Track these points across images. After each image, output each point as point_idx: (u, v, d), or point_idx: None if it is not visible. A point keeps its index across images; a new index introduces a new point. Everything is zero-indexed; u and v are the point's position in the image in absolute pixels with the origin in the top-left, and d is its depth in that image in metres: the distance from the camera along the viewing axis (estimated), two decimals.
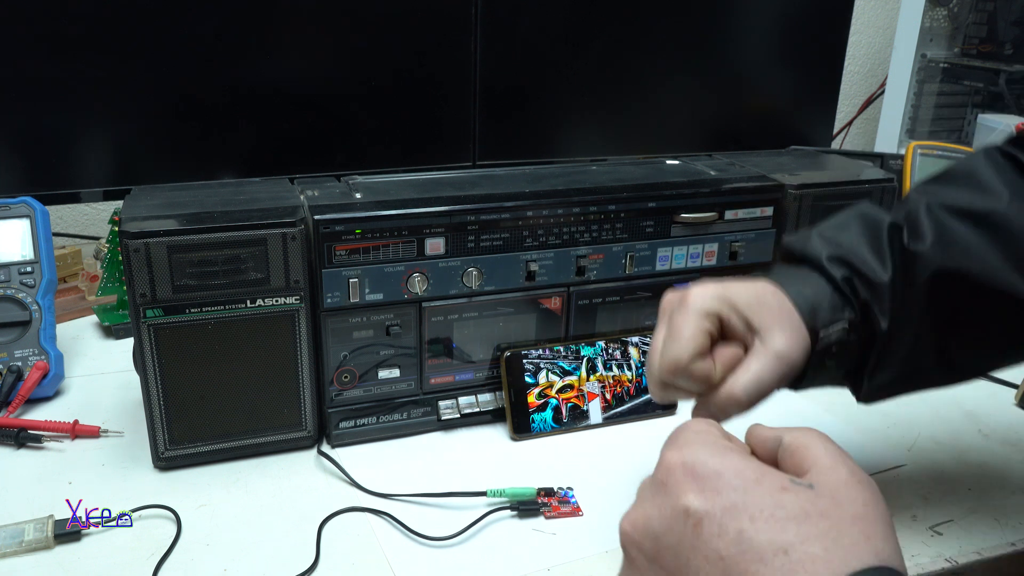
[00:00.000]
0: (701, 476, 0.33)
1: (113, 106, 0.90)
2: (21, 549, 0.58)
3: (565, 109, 1.08)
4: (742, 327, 0.51)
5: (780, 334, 0.50)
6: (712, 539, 0.32)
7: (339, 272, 0.68)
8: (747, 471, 0.33)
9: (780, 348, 0.49)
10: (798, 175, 0.83)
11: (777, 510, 0.31)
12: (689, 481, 0.33)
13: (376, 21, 0.96)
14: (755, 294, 0.51)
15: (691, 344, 0.50)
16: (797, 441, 0.36)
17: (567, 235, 0.74)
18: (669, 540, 0.33)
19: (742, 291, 0.51)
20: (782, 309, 0.51)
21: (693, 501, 0.33)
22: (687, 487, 0.33)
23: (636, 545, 0.35)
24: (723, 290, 0.51)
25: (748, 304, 0.51)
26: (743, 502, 0.32)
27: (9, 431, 0.72)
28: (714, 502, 0.32)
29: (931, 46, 1.50)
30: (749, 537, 0.31)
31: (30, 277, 0.80)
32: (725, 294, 0.51)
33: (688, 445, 0.36)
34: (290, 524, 0.63)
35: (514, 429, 0.74)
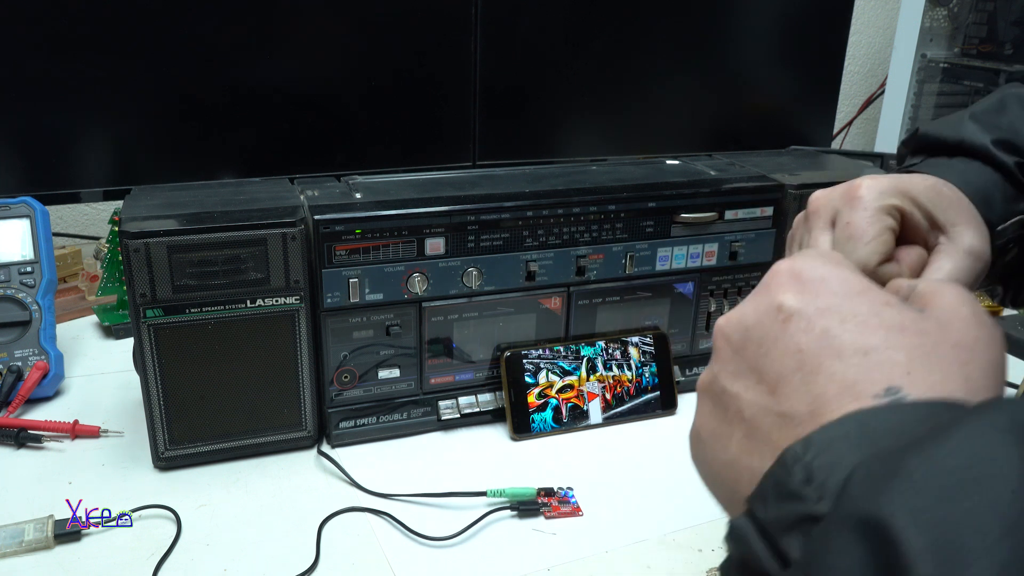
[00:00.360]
0: (805, 279, 0.32)
1: (113, 106, 0.90)
2: (21, 549, 0.58)
3: (565, 109, 1.08)
4: (925, 224, 0.44)
5: (968, 229, 0.44)
6: (797, 333, 0.30)
7: (339, 272, 0.68)
8: (854, 282, 0.31)
9: (973, 244, 0.44)
10: (798, 175, 0.83)
11: (872, 317, 0.30)
12: (791, 282, 0.32)
13: (376, 21, 0.96)
14: (932, 186, 0.45)
15: (878, 246, 0.43)
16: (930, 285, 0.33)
17: (567, 235, 0.74)
18: (757, 332, 0.32)
19: (918, 183, 0.45)
20: (962, 201, 0.45)
21: (789, 299, 0.31)
22: (788, 287, 0.32)
23: (726, 337, 0.34)
24: (898, 183, 0.45)
25: (929, 198, 0.44)
26: (839, 305, 0.30)
27: (9, 431, 0.72)
28: (809, 302, 0.31)
29: (931, 46, 1.50)
30: (834, 335, 0.29)
31: (30, 277, 0.80)
32: (903, 187, 0.44)
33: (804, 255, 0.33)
34: (290, 524, 0.62)
35: (514, 429, 0.74)
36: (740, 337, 0.33)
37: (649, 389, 0.79)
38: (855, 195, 0.44)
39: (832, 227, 0.45)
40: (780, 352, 0.30)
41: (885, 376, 0.28)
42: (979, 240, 0.44)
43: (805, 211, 0.46)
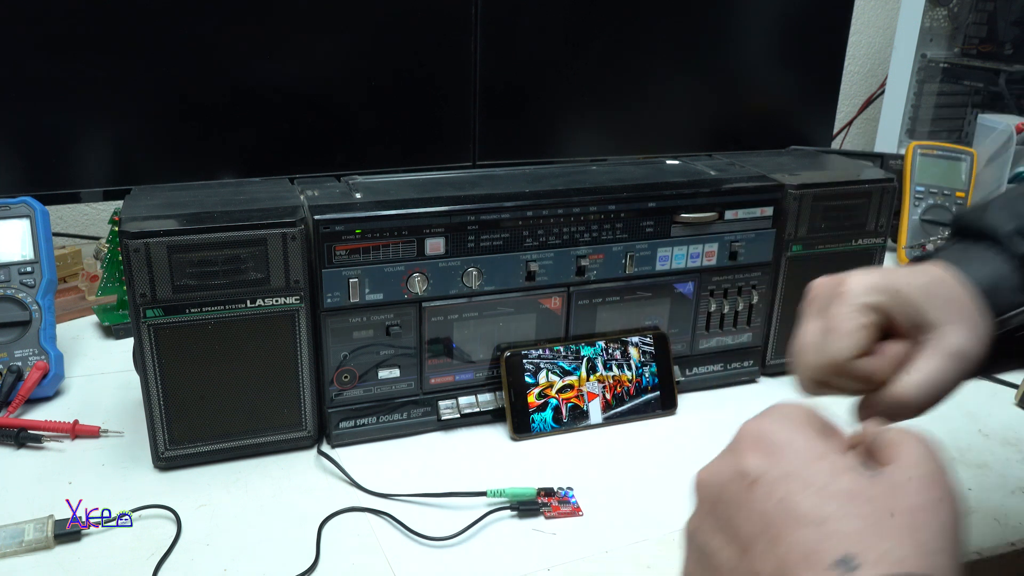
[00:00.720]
0: (767, 443, 0.34)
1: (113, 106, 0.90)
2: (21, 549, 0.58)
3: (565, 109, 1.08)
4: (910, 322, 0.45)
5: (956, 329, 0.44)
6: (760, 499, 0.33)
7: (339, 272, 0.68)
8: (812, 448, 0.34)
9: (957, 345, 0.44)
10: (798, 175, 0.83)
11: (828, 486, 0.32)
12: (756, 445, 0.35)
13: (376, 21, 0.96)
14: (924, 283, 0.45)
15: (853, 341, 0.44)
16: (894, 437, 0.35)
17: (567, 235, 0.74)
18: (726, 494, 0.35)
19: (909, 280, 0.46)
20: (956, 299, 0.45)
21: (753, 464, 0.34)
22: (753, 450, 0.35)
23: (702, 493, 0.37)
24: (887, 279, 0.46)
25: (917, 295, 0.45)
26: (798, 471, 0.33)
27: (9, 431, 0.72)
28: (772, 467, 0.33)
29: (931, 46, 1.50)
30: (794, 502, 0.32)
31: (30, 277, 0.80)
32: (890, 284, 0.45)
33: (767, 417, 0.36)
34: (290, 524, 0.62)
35: (514, 429, 0.74)
36: (714, 496, 0.36)
37: (649, 389, 0.79)
38: (841, 290, 0.46)
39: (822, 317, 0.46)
40: (747, 516, 0.33)
41: (839, 546, 0.30)
42: (966, 340, 0.44)
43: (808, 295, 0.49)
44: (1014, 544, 0.62)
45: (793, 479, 0.33)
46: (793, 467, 0.33)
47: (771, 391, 0.85)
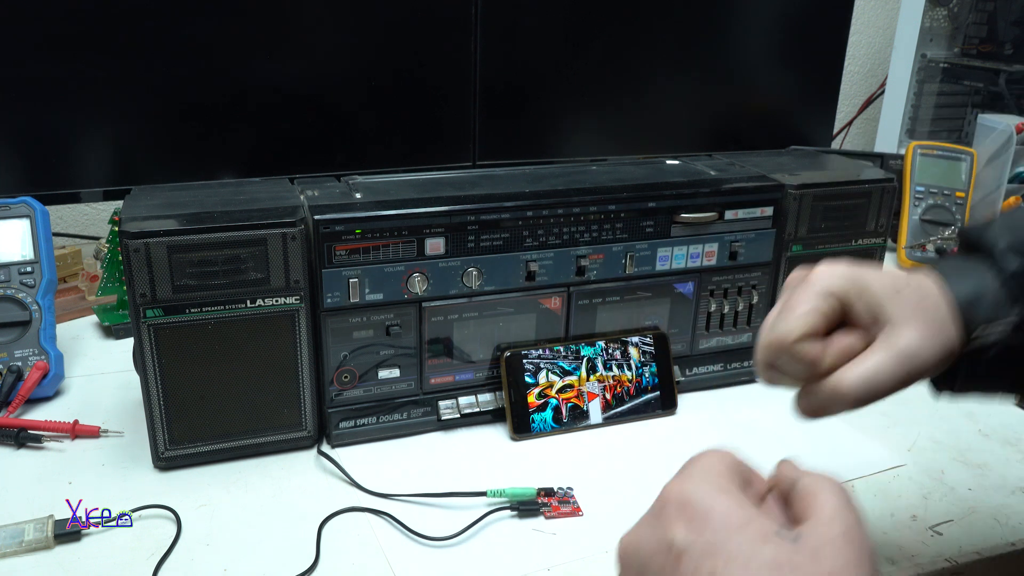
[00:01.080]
0: (691, 512, 0.35)
1: (113, 106, 0.90)
2: (21, 549, 0.58)
3: (565, 109, 1.08)
4: (868, 316, 0.45)
5: (911, 329, 0.44)
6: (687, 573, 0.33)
7: (339, 272, 0.68)
8: (735, 515, 0.34)
9: (907, 345, 0.44)
10: (798, 175, 0.83)
11: (752, 559, 0.33)
12: (679, 515, 0.35)
13: (376, 21, 0.96)
14: (892, 282, 0.46)
15: (801, 321, 0.45)
16: (808, 487, 0.37)
17: (567, 235, 0.74)
18: (652, 567, 0.35)
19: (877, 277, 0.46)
20: (924, 302, 0.45)
21: (678, 535, 0.34)
22: (676, 520, 0.35)
23: (627, 565, 0.37)
24: (855, 272, 0.46)
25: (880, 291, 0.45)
26: (722, 544, 0.33)
27: (9, 431, 0.72)
28: (696, 539, 0.34)
29: (931, 46, 1.50)
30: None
31: (30, 277, 0.80)
32: (856, 276, 0.46)
33: (690, 479, 0.37)
34: (290, 524, 0.62)
35: (514, 429, 0.74)
36: (639, 568, 0.36)
37: (649, 389, 0.79)
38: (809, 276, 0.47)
39: None
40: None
41: None
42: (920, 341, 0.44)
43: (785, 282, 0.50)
44: (1014, 544, 0.62)
45: (718, 553, 0.33)
46: (718, 539, 0.34)
47: (771, 391, 0.85)
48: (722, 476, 0.37)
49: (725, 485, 0.36)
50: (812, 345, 0.45)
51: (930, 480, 0.70)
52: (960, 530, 0.63)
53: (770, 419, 0.79)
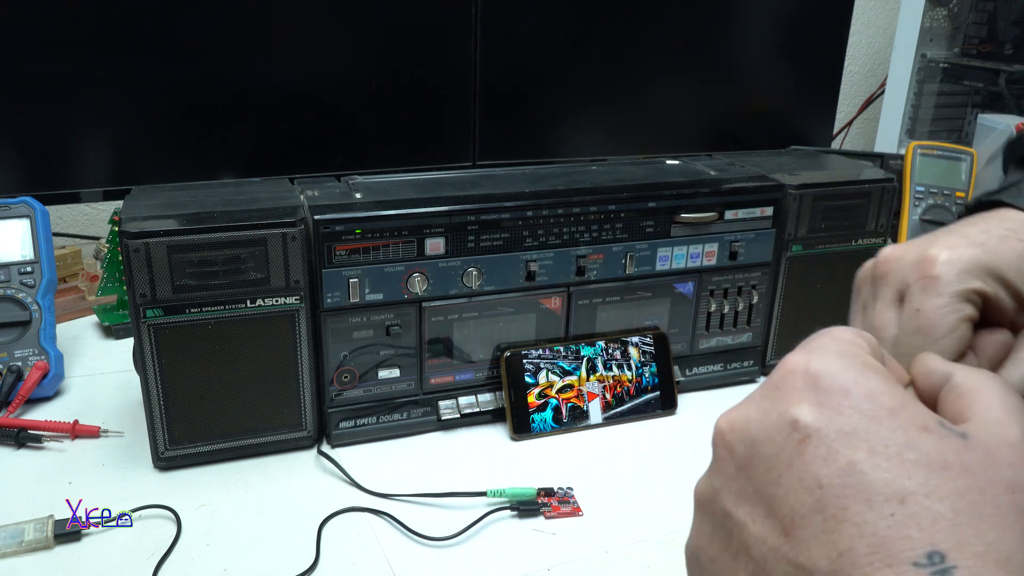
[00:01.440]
0: (824, 388, 0.27)
1: (113, 106, 0.90)
2: (21, 549, 0.58)
3: (565, 109, 1.08)
4: (1013, 307, 0.36)
5: None
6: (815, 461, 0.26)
7: (339, 272, 0.68)
8: (884, 397, 0.26)
9: None
10: (798, 175, 0.83)
11: (907, 450, 0.25)
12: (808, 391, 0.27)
13: (376, 21, 0.96)
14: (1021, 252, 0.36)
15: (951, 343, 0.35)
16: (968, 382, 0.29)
17: (567, 235, 0.74)
18: (766, 450, 0.27)
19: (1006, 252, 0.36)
20: None
21: (806, 414, 0.27)
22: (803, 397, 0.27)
23: (728, 447, 0.29)
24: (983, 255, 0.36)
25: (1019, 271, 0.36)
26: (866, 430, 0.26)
27: (9, 431, 0.72)
28: (831, 421, 0.26)
29: (931, 46, 1.50)
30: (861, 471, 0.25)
31: (30, 277, 0.80)
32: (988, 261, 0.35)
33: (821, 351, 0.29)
34: (290, 524, 0.62)
35: (514, 429, 0.74)
36: (745, 451, 0.28)
37: (649, 389, 0.79)
38: (930, 273, 0.35)
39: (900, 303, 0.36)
40: (795, 482, 0.26)
41: (926, 536, 0.23)
42: None
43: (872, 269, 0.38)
44: None
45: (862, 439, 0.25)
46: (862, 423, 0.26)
47: None
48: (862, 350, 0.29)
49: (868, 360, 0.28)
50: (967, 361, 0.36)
51: None
52: None
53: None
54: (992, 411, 0.27)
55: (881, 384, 0.27)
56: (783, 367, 0.29)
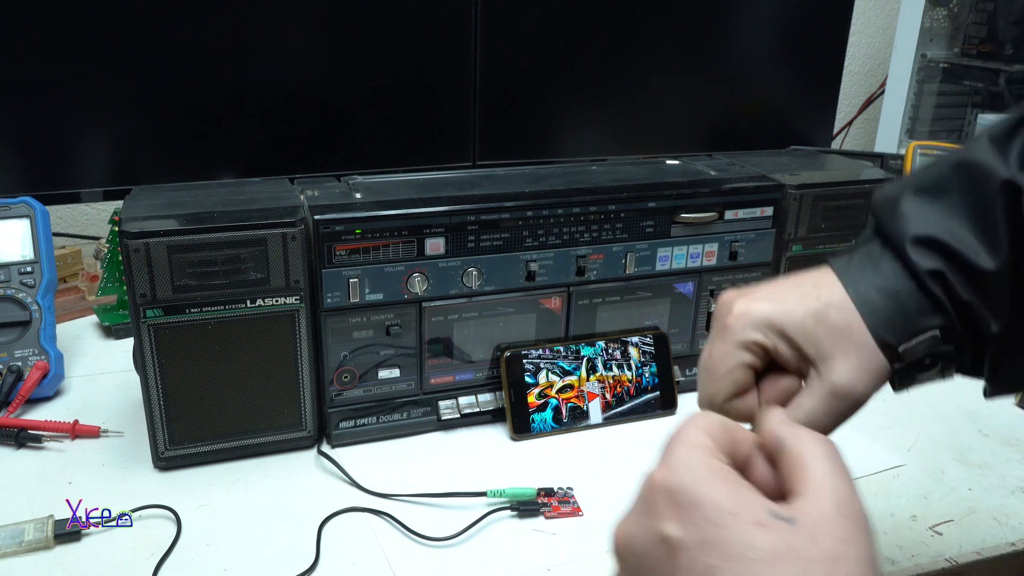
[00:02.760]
0: (680, 504, 0.33)
1: (113, 106, 0.90)
2: (21, 549, 0.58)
3: (565, 109, 1.08)
4: (794, 358, 0.42)
5: (842, 364, 0.41)
6: (684, 570, 0.32)
7: (339, 272, 0.68)
8: (725, 503, 0.33)
9: (840, 383, 0.41)
10: (798, 175, 0.83)
11: (749, 550, 0.31)
12: (668, 507, 0.34)
13: (376, 21, 0.96)
14: (812, 311, 0.42)
15: (726, 383, 0.43)
16: (795, 452, 0.35)
17: (567, 235, 0.74)
18: (648, 562, 0.34)
19: (797, 310, 0.42)
20: (848, 326, 0.41)
21: (671, 529, 0.33)
22: (666, 513, 0.34)
23: (623, 558, 0.37)
24: (771, 311, 0.42)
25: (802, 328, 0.42)
26: (716, 538, 0.32)
27: (9, 431, 0.72)
28: (689, 533, 0.33)
29: (931, 46, 1.50)
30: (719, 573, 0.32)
31: (30, 277, 0.80)
32: (772, 318, 0.42)
33: (674, 467, 0.35)
34: (290, 524, 0.63)
35: (514, 429, 0.74)
36: (635, 563, 0.35)
37: (649, 389, 0.79)
38: (724, 322, 0.43)
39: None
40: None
41: None
42: (849, 376, 0.41)
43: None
44: (1014, 544, 0.62)
45: (713, 547, 0.32)
46: (709, 533, 0.32)
47: None
48: (707, 454, 0.35)
49: (711, 465, 0.35)
50: (742, 402, 0.44)
51: (930, 480, 0.70)
52: (960, 530, 0.63)
53: None
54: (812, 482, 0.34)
55: (722, 490, 0.33)
56: (648, 484, 0.35)
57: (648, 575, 0.34)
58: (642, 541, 0.35)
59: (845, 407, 0.42)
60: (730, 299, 0.44)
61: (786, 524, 0.32)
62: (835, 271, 0.44)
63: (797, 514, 0.32)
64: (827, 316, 0.42)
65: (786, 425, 0.37)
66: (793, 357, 0.43)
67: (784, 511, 0.33)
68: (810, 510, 0.33)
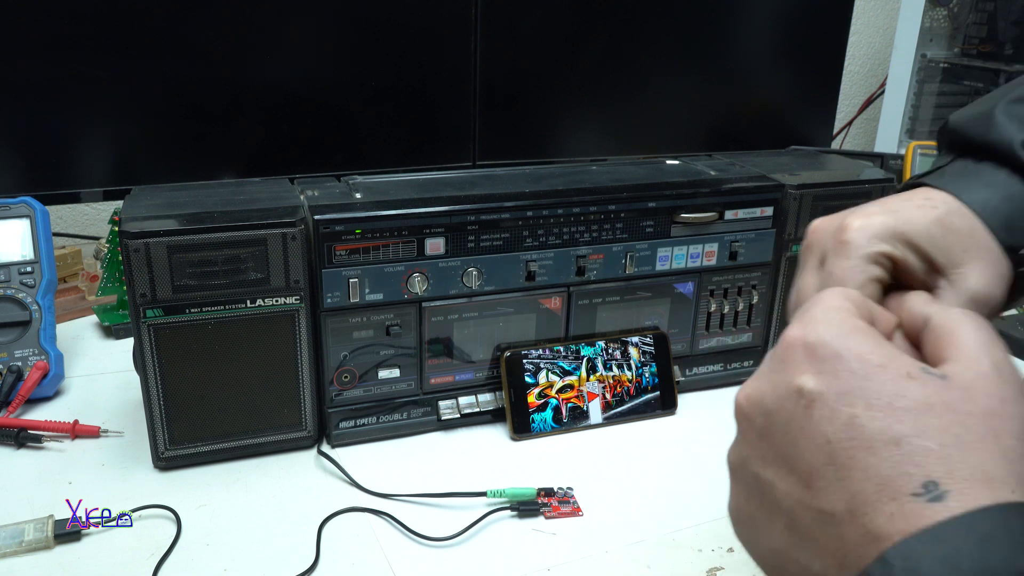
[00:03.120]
0: (820, 357, 0.31)
1: (113, 106, 0.90)
2: (21, 549, 0.58)
3: (565, 109, 1.08)
4: (923, 268, 0.40)
5: (975, 269, 0.39)
6: (822, 422, 0.30)
7: (339, 272, 0.68)
8: (871, 355, 0.30)
9: (975, 288, 0.39)
10: (798, 175, 0.83)
11: (896, 399, 0.29)
12: (807, 361, 0.31)
13: (376, 21, 0.96)
14: (936, 219, 0.40)
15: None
16: (944, 324, 0.33)
17: (567, 235, 0.74)
18: (780, 418, 0.31)
19: (919, 219, 0.40)
20: (972, 234, 0.40)
21: (808, 381, 0.31)
22: (804, 367, 0.31)
23: (748, 419, 0.33)
24: (894, 221, 0.40)
25: (929, 236, 0.40)
26: (860, 387, 0.30)
27: (9, 431, 0.72)
28: (829, 384, 0.30)
29: (931, 46, 1.50)
30: (860, 424, 0.29)
31: (30, 277, 0.80)
32: (897, 227, 0.40)
33: (813, 322, 0.32)
34: (290, 524, 0.62)
35: (514, 429, 0.74)
36: (763, 421, 0.32)
37: (649, 389, 0.79)
38: (843, 238, 0.41)
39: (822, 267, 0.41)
40: (808, 442, 0.30)
41: (920, 469, 0.27)
42: (984, 281, 0.39)
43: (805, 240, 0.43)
44: None
45: (858, 396, 0.29)
46: (855, 383, 0.30)
47: None
48: (849, 314, 0.33)
49: (855, 323, 0.32)
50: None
51: None
52: None
53: None
54: (966, 348, 0.31)
55: (868, 344, 0.31)
56: (784, 341, 0.33)
57: (778, 432, 0.31)
58: (774, 397, 0.32)
59: (985, 313, 0.39)
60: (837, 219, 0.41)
61: (939, 379, 0.30)
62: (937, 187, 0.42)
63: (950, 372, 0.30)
64: (951, 223, 0.40)
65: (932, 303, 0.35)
66: (922, 268, 0.40)
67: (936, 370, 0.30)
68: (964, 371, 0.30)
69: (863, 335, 0.31)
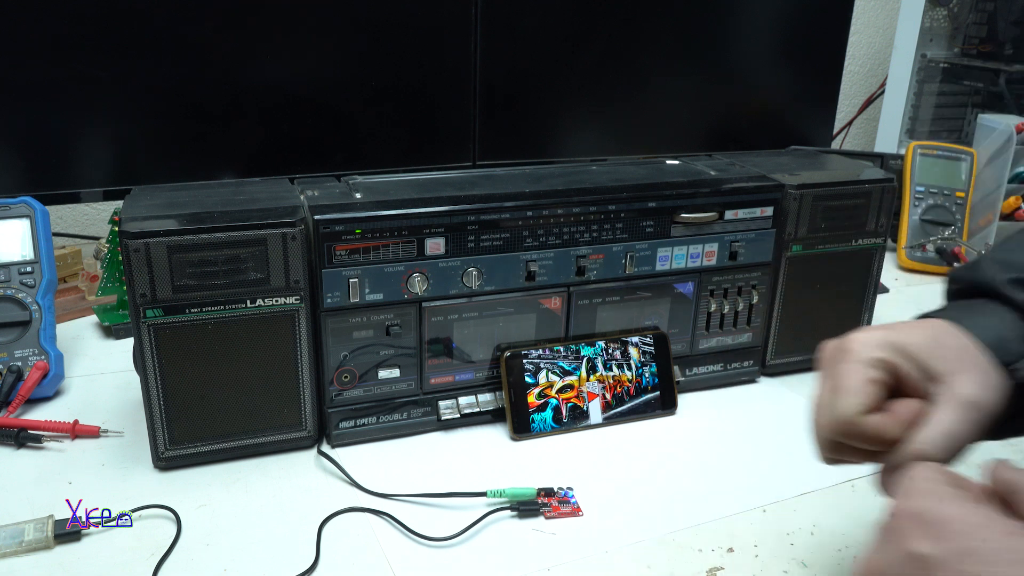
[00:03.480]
0: (928, 523, 0.34)
1: (113, 106, 0.90)
2: (21, 549, 0.58)
3: (565, 109, 1.08)
4: (919, 376, 0.45)
5: (967, 378, 0.44)
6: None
7: (339, 272, 0.68)
8: (974, 517, 0.34)
9: (970, 393, 0.43)
10: (798, 175, 0.83)
11: (1008, 553, 0.32)
12: (919, 529, 0.35)
13: (376, 21, 0.96)
14: (930, 335, 0.45)
15: (862, 396, 0.44)
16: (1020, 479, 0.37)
17: (567, 235, 0.74)
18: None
19: (913, 333, 0.45)
20: (964, 349, 0.45)
21: (924, 547, 0.34)
22: (916, 534, 0.34)
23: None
24: (890, 335, 0.45)
25: (923, 348, 0.45)
26: (975, 548, 0.33)
27: (9, 431, 0.72)
28: (946, 547, 0.33)
29: (931, 46, 1.50)
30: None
31: (30, 277, 0.80)
32: (893, 339, 0.45)
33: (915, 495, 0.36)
34: (290, 524, 0.63)
35: (514, 429, 0.74)
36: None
37: (649, 389, 0.79)
38: (845, 347, 0.46)
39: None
40: None
41: None
42: (978, 388, 0.43)
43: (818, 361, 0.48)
44: None
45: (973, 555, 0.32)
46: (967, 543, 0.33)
47: (771, 391, 0.85)
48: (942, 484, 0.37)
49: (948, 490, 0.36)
50: (876, 418, 0.44)
51: None
52: None
53: (770, 419, 0.79)
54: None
55: (968, 507, 0.35)
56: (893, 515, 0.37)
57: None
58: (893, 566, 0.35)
59: (978, 418, 0.43)
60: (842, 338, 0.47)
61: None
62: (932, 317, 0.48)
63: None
64: (944, 339, 0.45)
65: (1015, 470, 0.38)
66: (919, 376, 0.45)
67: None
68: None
69: (960, 500, 0.35)
